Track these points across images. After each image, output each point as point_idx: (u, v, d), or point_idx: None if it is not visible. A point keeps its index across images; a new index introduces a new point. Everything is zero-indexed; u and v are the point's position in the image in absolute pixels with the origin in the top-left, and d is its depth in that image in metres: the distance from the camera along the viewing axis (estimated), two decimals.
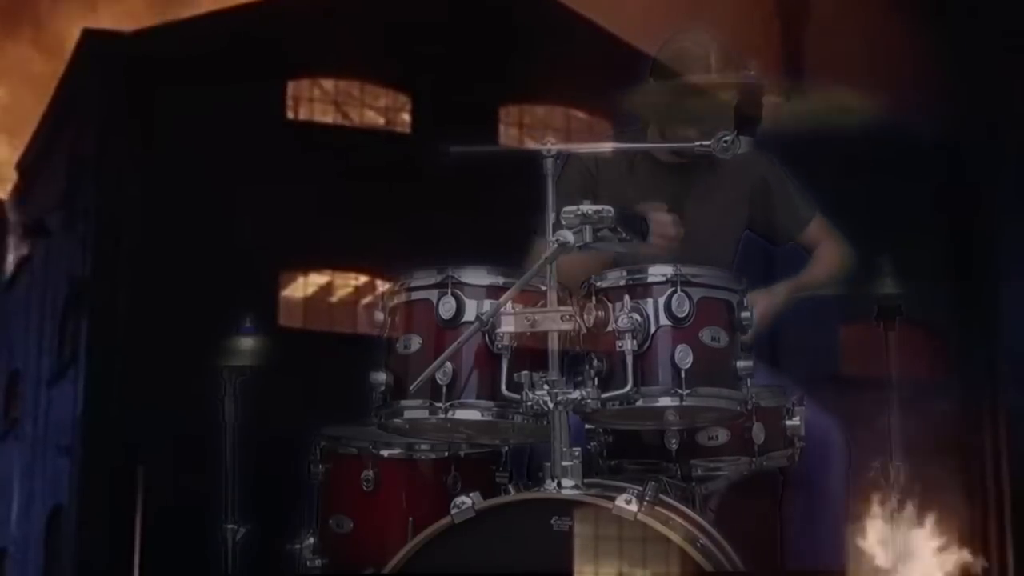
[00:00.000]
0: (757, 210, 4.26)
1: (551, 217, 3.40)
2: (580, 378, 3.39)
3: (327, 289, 17.69)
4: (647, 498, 3.26)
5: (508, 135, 17.86)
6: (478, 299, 3.46)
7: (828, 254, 4.28)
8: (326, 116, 17.89)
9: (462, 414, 3.45)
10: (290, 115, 17.63)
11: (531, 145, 3.49)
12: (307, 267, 17.34)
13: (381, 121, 18.02)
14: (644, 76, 4.10)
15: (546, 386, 3.34)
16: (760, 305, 3.88)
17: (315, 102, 17.80)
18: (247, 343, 4.15)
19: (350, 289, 17.70)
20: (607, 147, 4.13)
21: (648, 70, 4.11)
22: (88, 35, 16.56)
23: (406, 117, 17.96)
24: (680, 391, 3.40)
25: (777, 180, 4.28)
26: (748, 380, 3.48)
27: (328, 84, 17.84)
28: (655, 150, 4.16)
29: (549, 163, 3.44)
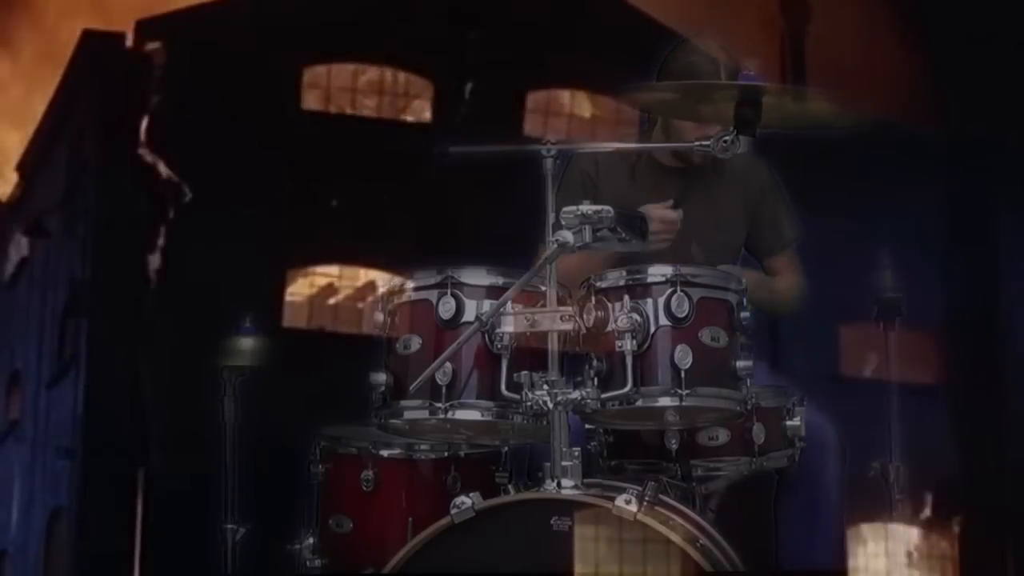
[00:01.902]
0: (751, 220, 4.28)
1: (550, 217, 3.40)
2: (580, 378, 3.40)
3: (334, 288, 17.53)
4: (647, 498, 3.26)
5: (534, 123, 17.26)
6: (478, 299, 3.46)
7: (787, 284, 4.30)
8: (343, 105, 17.38)
9: (462, 414, 3.45)
10: (305, 105, 17.13)
11: (530, 145, 3.49)
12: (315, 263, 17.09)
13: (400, 109, 17.50)
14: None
15: (546, 386, 3.34)
16: None
17: (332, 90, 17.33)
18: (247, 343, 4.16)
19: (357, 288, 17.53)
20: (607, 147, 4.15)
21: (656, 75, 4.13)
22: (88, 35, 16.52)
23: (426, 105, 17.45)
24: (680, 391, 3.40)
25: (773, 196, 4.30)
26: (748, 380, 3.48)
27: (346, 71, 17.35)
28: (658, 153, 4.17)
29: (549, 163, 3.45)
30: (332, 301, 17.62)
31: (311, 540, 3.87)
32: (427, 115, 17.06)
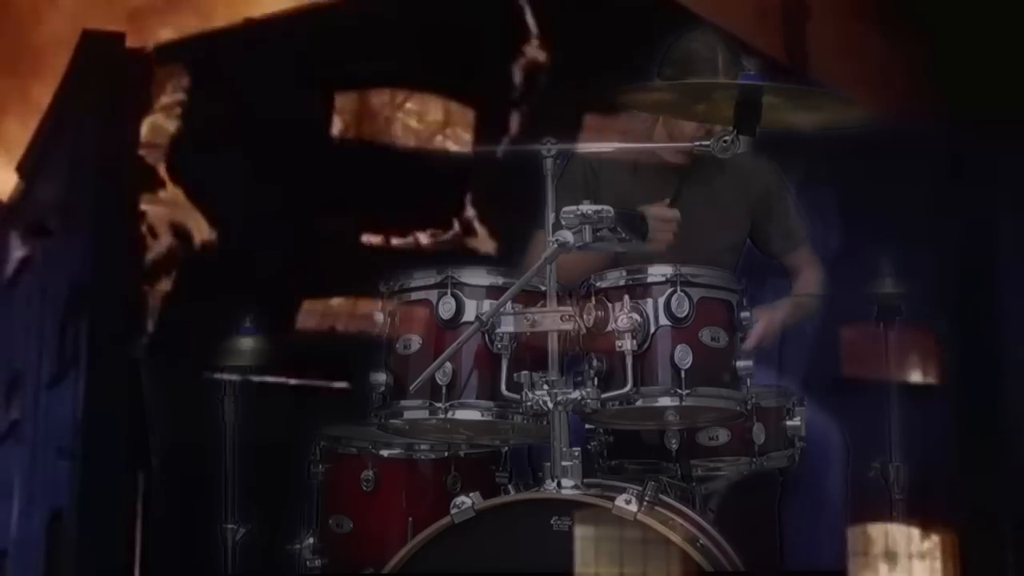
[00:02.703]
0: (758, 221, 4.28)
1: (551, 217, 3.40)
2: (580, 378, 3.40)
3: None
4: (647, 498, 3.26)
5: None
6: (478, 299, 3.46)
7: (812, 281, 4.31)
8: (376, 132, 16.95)
9: (462, 414, 3.45)
10: (337, 131, 16.73)
11: (530, 145, 3.49)
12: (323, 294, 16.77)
13: (438, 138, 17.00)
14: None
15: (546, 386, 3.34)
16: (763, 320, 3.91)
17: (364, 115, 16.88)
18: (247, 343, 4.16)
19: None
20: (607, 146, 4.14)
21: (657, 69, 4.12)
22: (88, 35, 16.45)
23: (467, 133, 16.94)
24: (680, 391, 3.40)
25: (779, 195, 4.30)
26: (748, 380, 3.48)
27: (381, 96, 16.85)
28: (660, 150, 4.17)
29: (549, 163, 3.44)
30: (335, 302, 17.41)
31: (311, 540, 3.88)
32: (467, 144, 16.58)
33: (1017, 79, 6.09)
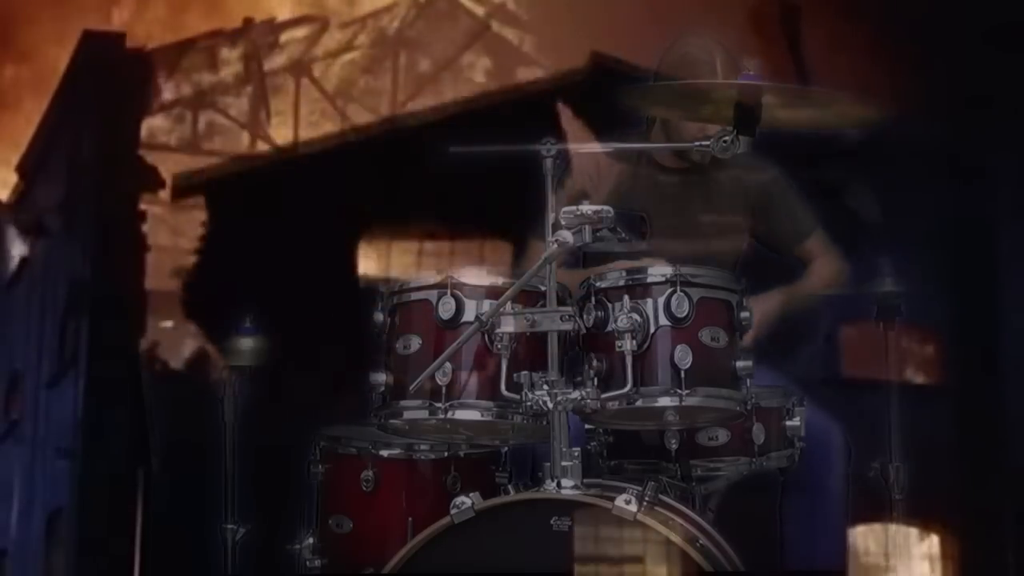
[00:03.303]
0: (759, 220, 4.27)
1: (550, 218, 3.40)
2: (580, 378, 3.40)
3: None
4: (647, 498, 3.26)
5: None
6: (478, 299, 3.46)
7: (823, 268, 4.29)
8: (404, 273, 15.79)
9: (462, 414, 3.45)
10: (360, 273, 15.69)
11: (530, 145, 3.48)
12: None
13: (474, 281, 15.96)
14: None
15: (546, 386, 3.34)
16: (755, 312, 3.91)
17: (392, 255, 16.01)
18: (247, 343, 4.16)
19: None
20: (607, 147, 4.14)
21: (654, 74, 4.12)
22: (88, 35, 16.40)
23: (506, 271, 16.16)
24: (680, 391, 3.39)
25: (780, 192, 4.29)
26: (748, 380, 3.48)
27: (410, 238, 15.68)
28: (658, 154, 4.17)
29: (548, 163, 3.44)
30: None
31: (311, 540, 3.87)
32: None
33: (1016, 77, 6.10)
